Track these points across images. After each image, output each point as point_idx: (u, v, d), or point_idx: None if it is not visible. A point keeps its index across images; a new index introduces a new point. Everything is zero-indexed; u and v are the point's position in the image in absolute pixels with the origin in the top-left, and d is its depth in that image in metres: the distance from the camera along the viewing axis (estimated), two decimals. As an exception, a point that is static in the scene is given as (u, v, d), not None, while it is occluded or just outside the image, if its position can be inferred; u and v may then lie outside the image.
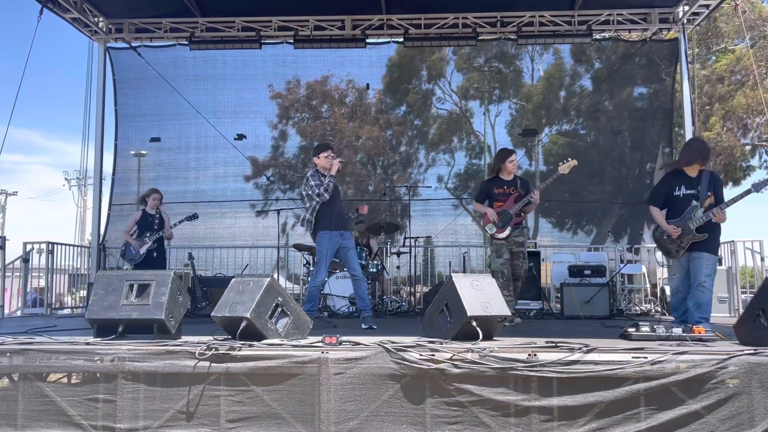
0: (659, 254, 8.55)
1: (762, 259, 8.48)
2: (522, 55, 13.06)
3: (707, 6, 9.52)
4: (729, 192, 17.64)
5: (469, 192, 12.69)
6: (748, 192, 5.41)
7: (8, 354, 3.83)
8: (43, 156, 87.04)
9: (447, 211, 11.70)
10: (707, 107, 19.08)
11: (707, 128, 18.90)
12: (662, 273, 9.61)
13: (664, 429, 3.42)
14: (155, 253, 8.12)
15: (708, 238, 5.43)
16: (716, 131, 18.81)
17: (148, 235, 8.08)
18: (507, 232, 6.52)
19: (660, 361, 3.48)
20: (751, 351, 3.53)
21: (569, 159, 6.47)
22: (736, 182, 19.70)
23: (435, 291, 7.45)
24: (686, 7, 9.69)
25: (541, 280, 9.09)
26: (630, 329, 4.30)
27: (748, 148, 20.25)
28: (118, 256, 8.79)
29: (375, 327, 5.76)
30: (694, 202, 5.47)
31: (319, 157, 6.33)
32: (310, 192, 6.17)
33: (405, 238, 10.03)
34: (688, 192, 5.52)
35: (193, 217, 8.46)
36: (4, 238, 8.48)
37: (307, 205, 6.26)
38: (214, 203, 11.11)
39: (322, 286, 6.53)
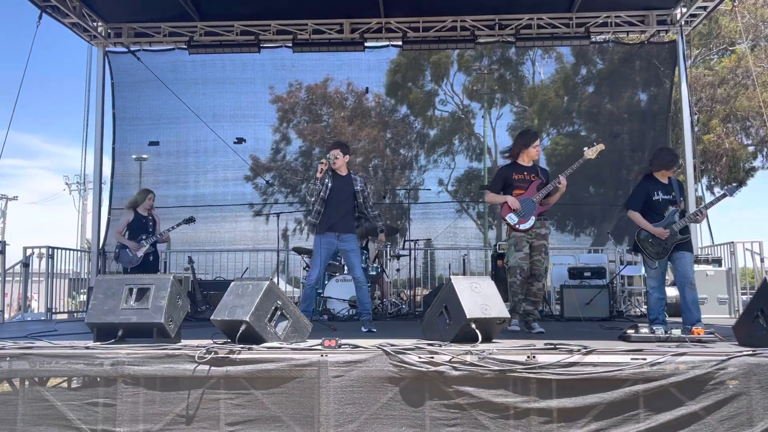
0: (639, 257, 8.59)
1: (761, 260, 8.49)
2: (524, 58, 13.10)
3: (705, 8, 9.54)
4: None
5: (470, 195, 12.70)
6: (723, 196, 5.76)
7: (8, 358, 3.83)
8: (44, 160, 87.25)
9: (447, 213, 11.73)
10: (707, 109, 19.08)
11: (708, 130, 18.91)
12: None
13: (663, 430, 3.41)
14: (151, 257, 7.98)
15: (689, 240, 5.74)
16: (717, 133, 18.81)
17: (144, 237, 7.86)
18: (531, 222, 5.74)
19: (659, 363, 3.48)
20: (750, 352, 3.53)
21: (595, 143, 5.92)
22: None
23: (434, 293, 7.45)
24: (684, 9, 9.72)
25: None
26: (629, 331, 4.31)
27: (750, 149, 20.27)
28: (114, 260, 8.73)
29: (374, 330, 5.72)
30: (671, 207, 5.68)
31: None
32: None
33: (405, 241, 10.03)
34: (666, 197, 5.73)
35: (190, 220, 8.37)
36: (4, 243, 8.48)
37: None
38: (214, 207, 11.12)
39: (317, 285, 6.46)
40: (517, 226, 5.77)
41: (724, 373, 3.44)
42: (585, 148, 5.90)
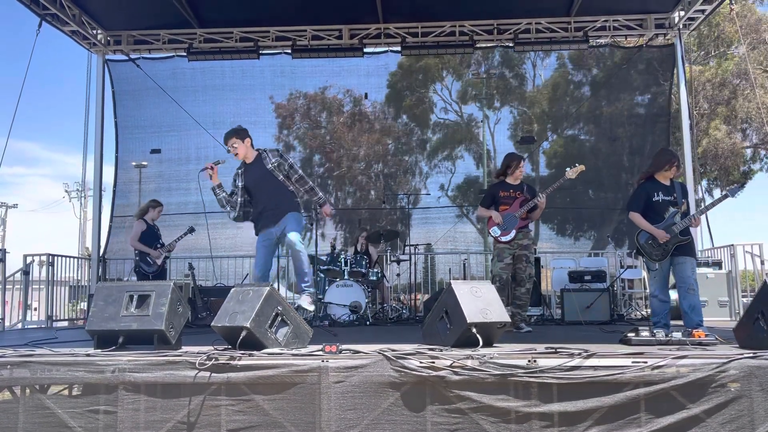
0: (639, 260, 8.61)
1: (762, 263, 8.49)
2: (524, 59, 13.13)
3: (703, 11, 9.56)
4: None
5: (470, 200, 12.71)
6: (724, 197, 5.66)
7: (9, 366, 3.83)
8: (44, 168, 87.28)
9: (447, 218, 11.74)
10: (706, 113, 19.11)
11: (708, 132, 18.92)
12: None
13: (664, 433, 3.41)
14: (165, 264, 8.30)
15: (690, 242, 5.67)
16: (716, 134, 18.83)
17: (159, 246, 8.14)
18: (512, 235, 6.42)
19: (660, 366, 3.48)
20: (751, 354, 3.53)
21: (577, 164, 6.41)
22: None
23: (435, 298, 7.45)
24: (682, 12, 9.74)
25: (541, 285, 9.09)
26: (630, 334, 4.30)
27: (749, 151, 20.28)
28: (121, 268, 8.77)
29: (310, 310, 5.39)
30: (672, 209, 5.63)
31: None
32: None
33: (405, 246, 10.03)
34: (666, 198, 5.68)
35: (191, 230, 8.54)
36: (4, 251, 8.48)
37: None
38: (215, 214, 11.09)
39: (263, 278, 5.81)
40: (499, 238, 6.48)
41: (725, 375, 3.43)
42: (567, 169, 6.44)
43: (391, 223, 11.78)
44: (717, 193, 20.18)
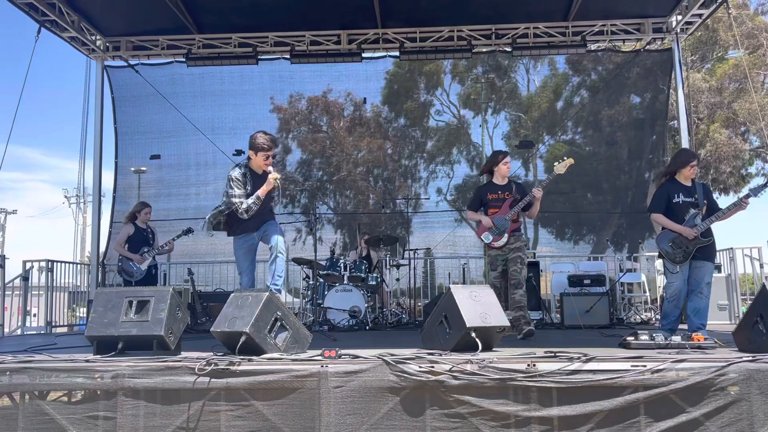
0: (659, 262, 8.55)
1: (761, 266, 8.49)
2: (517, 66, 13.16)
3: (700, 15, 9.58)
4: (729, 198, 17.69)
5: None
6: (748, 196, 5.53)
7: (8, 372, 3.82)
8: (43, 173, 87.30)
9: (446, 222, 11.74)
10: (703, 116, 19.14)
11: (707, 136, 18.95)
12: (661, 281, 9.62)
13: (664, 437, 3.41)
14: (153, 270, 8.11)
15: (711, 245, 5.59)
16: (715, 138, 18.85)
17: (146, 250, 7.97)
18: (504, 240, 6.15)
19: (659, 370, 3.48)
20: (750, 358, 3.54)
21: (565, 158, 6.22)
22: (737, 189, 19.78)
23: (434, 303, 7.45)
24: (679, 17, 9.76)
25: (541, 290, 9.09)
26: (629, 338, 4.30)
27: (746, 156, 20.32)
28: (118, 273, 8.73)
29: (278, 289, 5.31)
30: (693, 210, 5.57)
31: (256, 155, 5.51)
32: (228, 199, 5.42)
33: (405, 250, 10.04)
34: (687, 200, 5.62)
35: (188, 231, 8.43)
36: (3, 257, 8.46)
37: (221, 207, 5.48)
38: (214, 218, 11.12)
39: (251, 286, 5.71)
40: (492, 243, 6.23)
41: (725, 379, 3.44)
42: (555, 163, 6.24)
43: (391, 227, 11.79)
44: (716, 196, 20.18)
